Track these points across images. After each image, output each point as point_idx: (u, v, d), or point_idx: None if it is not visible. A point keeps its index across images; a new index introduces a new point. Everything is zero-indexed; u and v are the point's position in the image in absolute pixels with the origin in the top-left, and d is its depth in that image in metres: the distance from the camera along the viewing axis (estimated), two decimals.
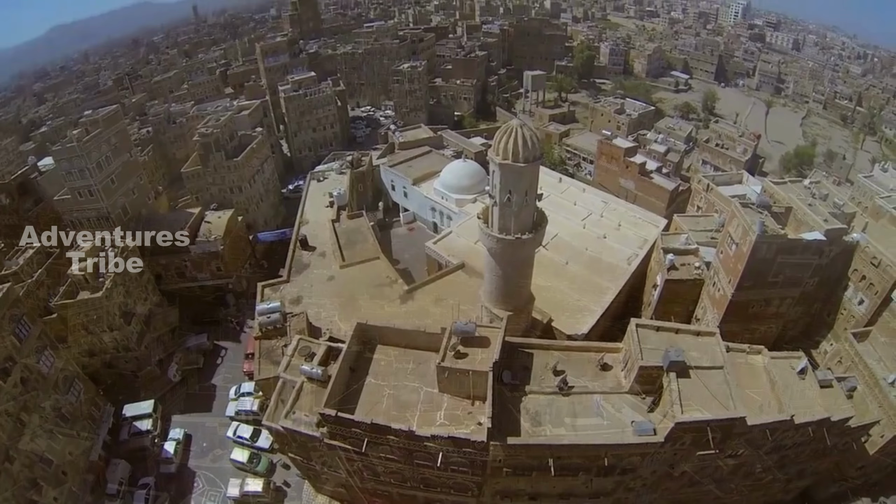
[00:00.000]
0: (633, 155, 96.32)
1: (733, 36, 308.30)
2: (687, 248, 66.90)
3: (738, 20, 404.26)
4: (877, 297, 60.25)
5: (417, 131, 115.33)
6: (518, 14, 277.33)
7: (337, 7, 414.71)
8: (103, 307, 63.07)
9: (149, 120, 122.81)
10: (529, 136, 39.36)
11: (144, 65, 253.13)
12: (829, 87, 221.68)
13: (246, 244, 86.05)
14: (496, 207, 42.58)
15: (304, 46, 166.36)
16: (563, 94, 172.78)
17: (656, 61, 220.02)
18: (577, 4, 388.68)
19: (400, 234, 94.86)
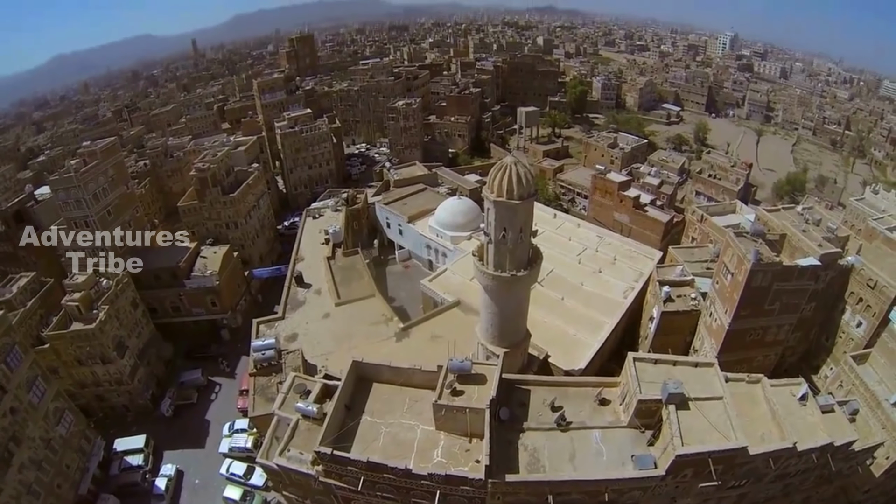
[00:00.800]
0: (626, 189, 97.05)
1: (722, 67, 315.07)
2: (682, 279, 67.30)
3: (727, 51, 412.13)
4: (874, 318, 60.75)
5: (412, 168, 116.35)
6: (511, 51, 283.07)
7: (333, 44, 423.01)
8: (96, 339, 62.86)
9: (146, 153, 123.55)
10: (524, 173, 39.60)
11: (143, 97, 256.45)
12: (818, 113, 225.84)
13: (241, 280, 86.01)
14: (491, 245, 42.61)
15: (301, 83, 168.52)
16: (557, 129, 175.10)
17: (648, 95, 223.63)
18: (569, 41, 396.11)
19: (395, 272, 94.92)
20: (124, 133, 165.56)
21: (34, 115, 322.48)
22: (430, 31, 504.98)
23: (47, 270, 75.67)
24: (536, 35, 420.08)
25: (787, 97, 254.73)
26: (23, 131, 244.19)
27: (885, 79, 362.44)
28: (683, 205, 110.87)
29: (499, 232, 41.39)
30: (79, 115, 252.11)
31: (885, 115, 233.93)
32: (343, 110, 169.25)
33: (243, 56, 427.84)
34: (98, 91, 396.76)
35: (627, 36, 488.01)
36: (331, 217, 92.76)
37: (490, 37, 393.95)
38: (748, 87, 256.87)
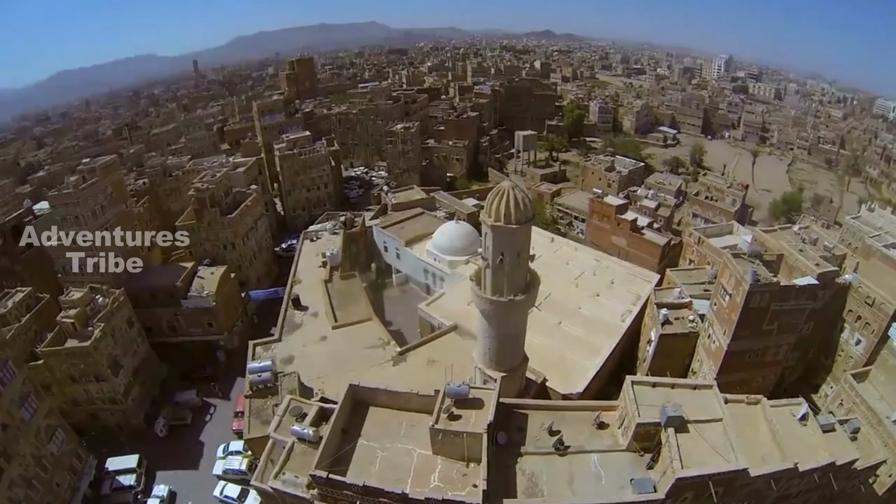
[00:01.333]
0: (624, 212, 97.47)
1: (717, 89, 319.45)
2: (680, 301, 67.49)
3: (722, 74, 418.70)
4: (873, 335, 61.18)
5: (410, 192, 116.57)
6: (509, 75, 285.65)
7: (332, 67, 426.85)
8: (91, 357, 62.55)
9: (145, 172, 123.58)
10: (521, 198, 39.83)
11: (144, 116, 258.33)
12: (812, 133, 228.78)
13: (238, 301, 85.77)
14: (489, 269, 42.67)
15: (300, 106, 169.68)
16: (555, 153, 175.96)
17: (644, 118, 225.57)
18: (566, 64, 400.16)
19: (393, 296, 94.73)
20: (124, 151, 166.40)
21: (35, 129, 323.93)
22: (429, 54, 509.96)
23: (43, 286, 75.36)
24: (534, 59, 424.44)
25: (782, 118, 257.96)
26: (23, 146, 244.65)
27: (878, 97, 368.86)
28: (681, 227, 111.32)
29: (496, 256, 41.50)
30: (79, 132, 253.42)
31: (879, 134, 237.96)
32: (342, 133, 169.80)
33: (243, 77, 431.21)
34: (99, 108, 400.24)
35: (624, 59, 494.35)
36: (328, 240, 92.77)
37: (488, 61, 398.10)
38: (743, 108, 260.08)
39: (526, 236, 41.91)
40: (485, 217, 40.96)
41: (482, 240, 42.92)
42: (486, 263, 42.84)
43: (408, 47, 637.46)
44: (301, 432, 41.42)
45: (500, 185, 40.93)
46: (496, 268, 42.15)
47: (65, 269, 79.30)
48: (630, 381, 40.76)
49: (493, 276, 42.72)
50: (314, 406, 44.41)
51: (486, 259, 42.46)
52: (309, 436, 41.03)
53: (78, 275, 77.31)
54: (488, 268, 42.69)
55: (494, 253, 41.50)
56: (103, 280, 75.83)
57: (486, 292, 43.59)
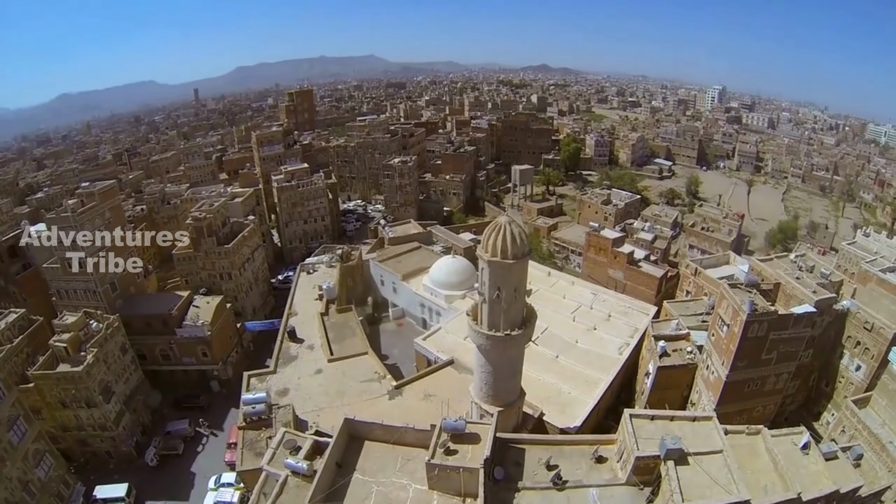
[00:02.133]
0: (620, 245, 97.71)
1: (711, 120, 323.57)
2: (678, 333, 67.44)
3: (715, 105, 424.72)
4: (873, 360, 60.99)
5: (407, 226, 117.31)
6: (506, 109, 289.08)
7: (331, 100, 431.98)
8: (83, 382, 61.99)
9: (144, 198, 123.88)
10: (518, 233, 40.08)
11: (144, 143, 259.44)
12: (806, 161, 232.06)
13: (234, 332, 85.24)
14: (485, 304, 42.70)
15: (299, 137, 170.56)
16: (551, 187, 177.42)
17: (640, 150, 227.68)
18: (562, 98, 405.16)
19: (389, 330, 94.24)
20: (123, 177, 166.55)
21: (36, 151, 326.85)
22: (427, 88, 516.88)
23: (37, 308, 75.25)
24: (531, 93, 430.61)
25: (776, 146, 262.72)
26: (23, 166, 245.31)
27: (869, 122, 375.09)
28: (677, 259, 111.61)
29: (493, 291, 41.57)
30: (79, 155, 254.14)
31: (872, 158, 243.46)
32: (339, 166, 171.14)
33: (243, 108, 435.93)
34: (100, 133, 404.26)
35: (619, 93, 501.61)
36: (325, 273, 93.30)
37: (485, 95, 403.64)
38: (737, 138, 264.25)
39: (522, 271, 42.01)
40: (481, 252, 41.15)
41: (479, 275, 43.10)
42: (482, 298, 42.92)
43: (406, 81, 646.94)
44: (295, 465, 40.96)
45: (496, 221, 41.21)
46: (493, 302, 42.17)
47: (59, 293, 79.34)
48: (628, 414, 40.54)
49: (490, 310, 42.72)
50: (309, 439, 44.01)
51: (483, 294, 42.56)
52: (303, 469, 40.55)
53: (73, 298, 77.73)
54: (485, 302, 42.73)
55: (491, 288, 41.57)
56: (98, 305, 75.82)
57: (482, 327, 43.54)
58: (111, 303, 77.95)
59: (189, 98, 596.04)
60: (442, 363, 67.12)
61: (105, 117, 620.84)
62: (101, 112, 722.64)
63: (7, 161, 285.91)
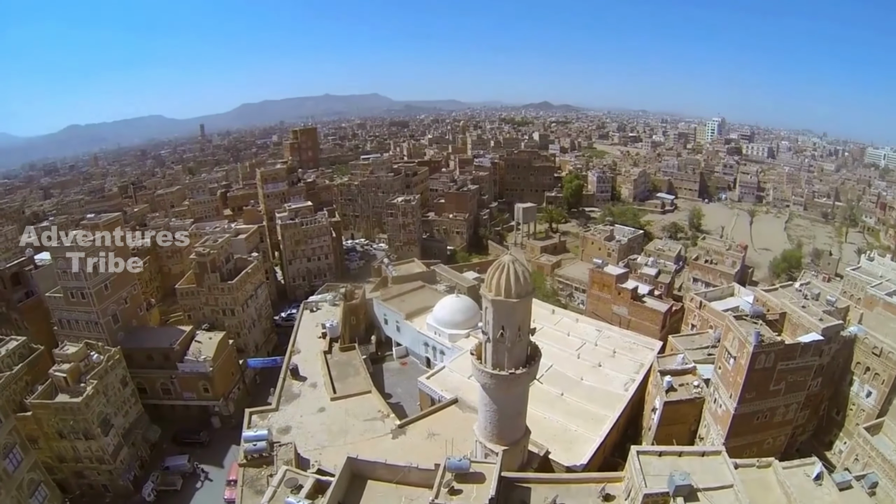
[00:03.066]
0: (624, 281, 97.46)
1: (712, 152, 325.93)
2: (684, 368, 67.12)
3: (715, 136, 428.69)
4: (884, 385, 60.37)
5: (410, 265, 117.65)
6: (508, 147, 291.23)
7: (335, 138, 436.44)
8: (81, 413, 61.46)
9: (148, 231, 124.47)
10: (521, 272, 40.36)
11: (149, 176, 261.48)
12: (807, 188, 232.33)
13: (235, 368, 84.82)
14: (489, 343, 42.75)
15: (303, 175, 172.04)
16: (554, 224, 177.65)
17: (642, 185, 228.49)
18: (563, 135, 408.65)
19: (392, 369, 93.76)
20: (128, 209, 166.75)
21: (43, 180, 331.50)
22: (430, 127, 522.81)
23: (39, 337, 75.42)
24: (532, 131, 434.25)
25: (777, 175, 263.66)
26: (30, 194, 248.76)
27: (868, 146, 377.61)
28: (682, 292, 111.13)
29: (497, 330, 41.64)
30: (86, 186, 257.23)
31: (873, 182, 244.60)
32: (343, 204, 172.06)
33: (248, 144, 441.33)
34: (107, 165, 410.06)
35: (620, 128, 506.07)
36: (328, 311, 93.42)
37: (488, 133, 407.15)
38: (738, 169, 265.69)
39: (526, 310, 42.08)
40: (485, 291, 41.35)
41: (483, 314, 43.20)
42: (486, 337, 42.92)
43: (409, 119, 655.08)
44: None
45: (500, 260, 41.51)
46: (497, 341, 42.16)
47: (61, 322, 79.36)
48: (635, 450, 40.13)
49: (494, 349, 42.71)
50: (310, 478, 43.41)
51: (487, 333, 42.59)
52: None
53: (74, 329, 77.85)
54: (489, 341, 42.73)
55: (495, 327, 41.64)
56: (99, 337, 75.81)
57: (486, 366, 43.49)
58: (113, 335, 77.89)
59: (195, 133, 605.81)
60: (446, 402, 66.72)
61: (112, 150, 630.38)
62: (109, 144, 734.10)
63: (14, 188, 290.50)
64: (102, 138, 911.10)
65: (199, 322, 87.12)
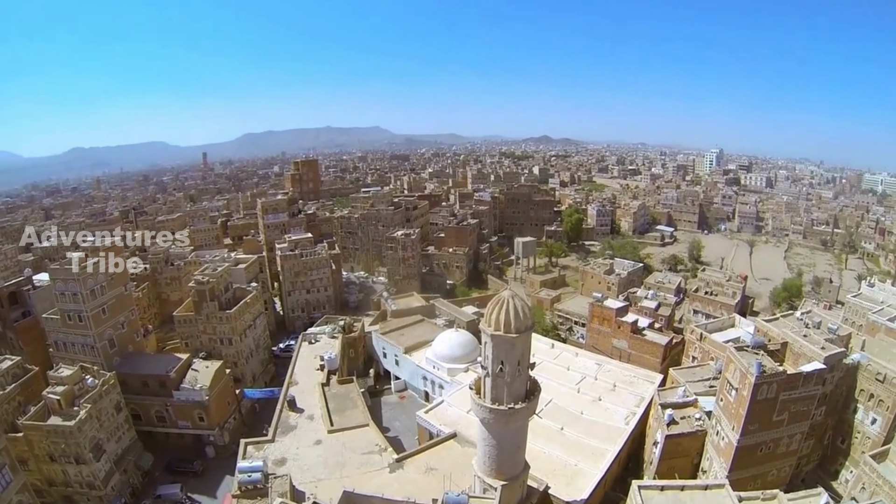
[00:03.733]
0: (624, 314, 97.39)
1: (711, 184, 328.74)
2: (685, 400, 66.59)
3: (714, 168, 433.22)
4: (889, 412, 60.20)
5: (410, 299, 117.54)
6: (508, 181, 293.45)
7: (336, 170, 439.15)
8: (73, 437, 60.88)
9: (148, 257, 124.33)
10: (521, 307, 40.50)
11: (151, 202, 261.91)
12: (806, 216, 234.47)
13: (232, 398, 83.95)
14: (488, 378, 42.66)
15: (303, 207, 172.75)
16: (554, 258, 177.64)
17: (641, 218, 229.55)
18: (563, 169, 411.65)
19: (391, 402, 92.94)
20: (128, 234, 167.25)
21: (45, 200, 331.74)
22: (430, 160, 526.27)
23: (34, 358, 75.23)
24: (532, 165, 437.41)
25: (775, 205, 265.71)
26: (31, 214, 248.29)
27: (865, 172, 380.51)
28: (682, 324, 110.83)
29: (496, 365, 41.61)
30: (87, 209, 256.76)
31: (871, 208, 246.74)
32: (343, 237, 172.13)
33: (250, 174, 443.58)
34: (109, 188, 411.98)
35: (619, 161, 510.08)
36: (327, 343, 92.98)
37: (488, 167, 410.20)
38: (737, 200, 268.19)
39: (526, 345, 42.09)
40: (484, 326, 41.41)
41: (482, 348, 43.19)
42: (485, 372, 42.83)
43: (410, 153, 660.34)
44: None
45: (499, 295, 41.71)
46: (496, 376, 42.06)
47: (57, 344, 79.16)
48: (637, 485, 39.78)
49: (493, 384, 42.57)
50: None
51: (486, 367, 42.53)
52: None
53: (70, 351, 77.63)
54: (488, 376, 42.63)
55: (494, 361, 41.58)
56: (95, 361, 75.43)
57: (485, 401, 43.27)
58: (108, 359, 77.51)
59: (197, 161, 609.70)
60: (444, 436, 65.84)
61: (115, 174, 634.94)
62: (111, 168, 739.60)
63: (16, 208, 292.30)
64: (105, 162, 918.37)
65: (197, 350, 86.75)
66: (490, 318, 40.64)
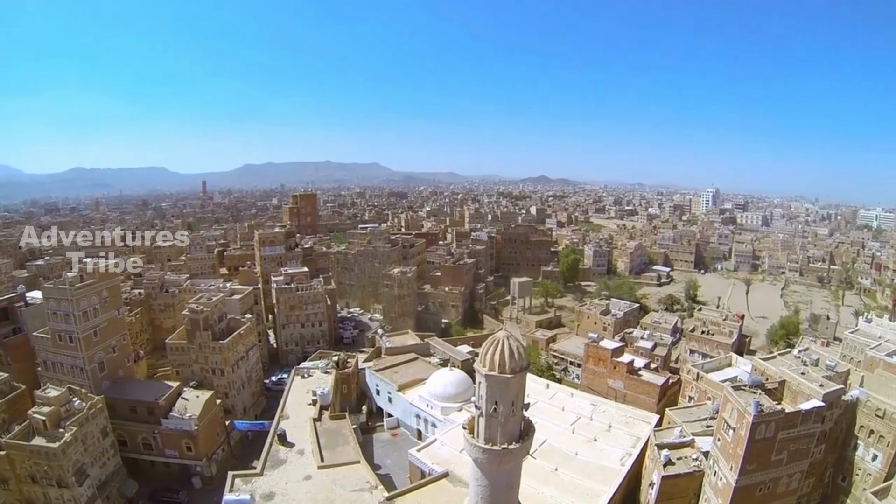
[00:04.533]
0: (620, 355, 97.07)
1: (707, 223, 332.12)
2: (682, 441, 65.87)
3: (710, 207, 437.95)
4: (889, 448, 59.94)
5: (405, 337, 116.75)
6: (505, 221, 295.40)
7: (334, 205, 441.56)
8: (56, 460, 59.89)
9: (143, 282, 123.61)
10: (516, 347, 40.31)
11: (149, 227, 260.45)
12: (802, 254, 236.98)
13: (221, 429, 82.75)
14: (482, 417, 42.15)
15: (300, 241, 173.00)
16: (550, 298, 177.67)
17: (638, 258, 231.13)
18: (560, 209, 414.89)
19: (383, 440, 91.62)
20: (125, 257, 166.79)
21: (43, 217, 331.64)
22: (428, 199, 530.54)
23: (22, 376, 74.71)
24: (530, 205, 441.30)
25: (771, 243, 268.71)
26: None
27: (860, 208, 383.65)
28: (678, 364, 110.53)
29: (490, 405, 41.15)
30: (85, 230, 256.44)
31: (866, 243, 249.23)
32: (339, 272, 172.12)
33: (248, 205, 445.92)
34: (107, 210, 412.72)
35: (616, 201, 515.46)
36: (320, 378, 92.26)
37: (485, 207, 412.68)
38: (733, 239, 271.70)
39: (520, 385, 41.70)
40: (479, 366, 41.13)
41: (476, 388, 42.68)
42: (479, 411, 42.30)
43: (408, 190, 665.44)
44: None
45: (494, 335, 41.42)
46: (490, 416, 41.55)
47: (46, 364, 78.37)
48: None
49: (487, 424, 42.00)
50: None
51: (480, 407, 42.01)
52: None
53: (59, 372, 76.75)
54: (482, 416, 42.09)
55: (488, 401, 41.13)
56: (84, 383, 74.46)
57: (479, 440, 42.60)
58: (97, 383, 76.65)
59: (197, 189, 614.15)
60: (437, 475, 64.57)
61: (114, 196, 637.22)
62: (111, 190, 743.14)
63: (14, 223, 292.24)
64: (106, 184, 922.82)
65: (188, 379, 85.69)
66: (485, 358, 40.37)
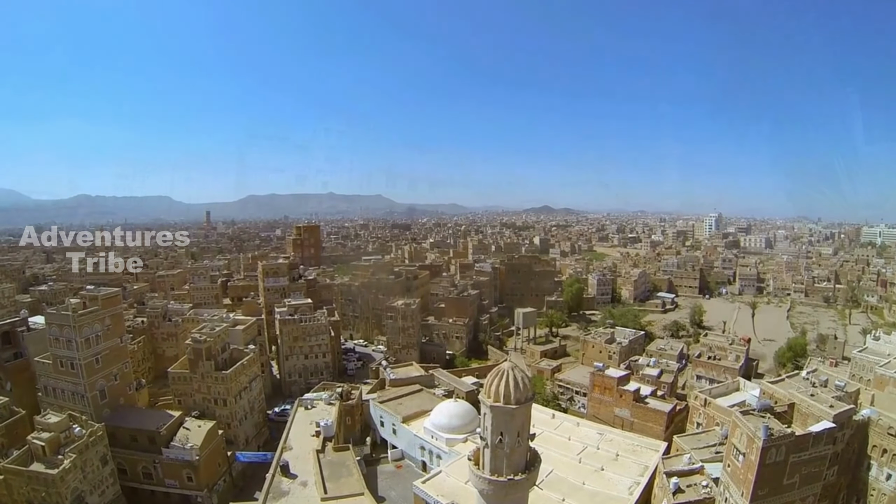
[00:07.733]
0: (626, 383, 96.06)
1: (710, 248, 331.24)
2: (691, 468, 64.81)
3: (713, 232, 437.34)
4: None
5: (409, 369, 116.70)
6: (509, 251, 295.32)
7: (338, 237, 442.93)
8: (55, 486, 59.37)
9: (146, 311, 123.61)
10: (521, 378, 40.60)
11: (152, 256, 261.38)
12: (807, 275, 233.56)
13: (223, 459, 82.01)
14: (487, 449, 42.14)
15: (304, 272, 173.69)
16: (554, 328, 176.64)
17: (642, 285, 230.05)
18: (564, 239, 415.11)
19: (387, 472, 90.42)
20: (128, 286, 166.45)
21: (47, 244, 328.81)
22: (431, 230, 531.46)
23: (22, 401, 74.74)
24: (533, 235, 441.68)
25: (776, 265, 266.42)
26: (32, 255, 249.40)
27: (863, 226, 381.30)
28: (685, 391, 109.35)
29: (495, 436, 41.30)
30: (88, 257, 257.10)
31: (871, 260, 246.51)
32: (343, 304, 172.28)
33: (252, 236, 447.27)
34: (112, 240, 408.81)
35: (620, 230, 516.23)
36: (323, 410, 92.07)
37: (489, 237, 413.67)
38: (737, 263, 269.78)
39: (526, 416, 41.79)
40: (484, 397, 41.32)
41: (481, 419, 42.85)
42: (484, 443, 42.34)
43: (411, 222, 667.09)
44: None
45: (499, 366, 41.77)
46: (495, 447, 41.55)
47: (47, 389, 78.33)
48: None
49: (493, 455, 42.01)
50: None
51: (485, 438, 42.06)
52: None
53: (59, 398, 76.93)
54: (487, 447, 42.09)
55: (494, 433, 41.19)
56: (84, 410, 74.30)
57: (484, 472, 42.63)
58: (98, 410, 76.53)
59: (201, 218, 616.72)
60: None
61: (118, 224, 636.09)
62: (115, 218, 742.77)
63: (18, 248, 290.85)
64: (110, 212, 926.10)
65: (190, 408, 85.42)
66: (490, 389, 40.57)
